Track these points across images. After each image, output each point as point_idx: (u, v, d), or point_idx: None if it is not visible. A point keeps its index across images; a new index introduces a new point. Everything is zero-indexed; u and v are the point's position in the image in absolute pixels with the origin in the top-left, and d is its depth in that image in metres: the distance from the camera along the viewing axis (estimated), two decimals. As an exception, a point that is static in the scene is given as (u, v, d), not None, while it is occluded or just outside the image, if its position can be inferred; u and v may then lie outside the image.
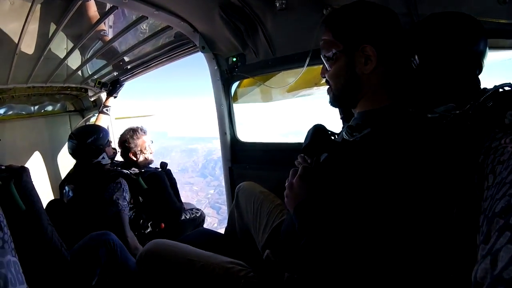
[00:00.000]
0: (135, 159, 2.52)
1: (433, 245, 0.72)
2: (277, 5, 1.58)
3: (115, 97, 3.14)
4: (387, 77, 0.92)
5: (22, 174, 1.26)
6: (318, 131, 1.01)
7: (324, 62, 1.00)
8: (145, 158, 2.56)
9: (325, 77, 1.03)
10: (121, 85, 3.15)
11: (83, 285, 1.46)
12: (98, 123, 2.99)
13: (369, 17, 0.92)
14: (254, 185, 1.80)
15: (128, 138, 2.52)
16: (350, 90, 0.96)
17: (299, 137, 0.97)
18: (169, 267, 1.20)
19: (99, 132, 2.17)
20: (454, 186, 0.72)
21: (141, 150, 2.54)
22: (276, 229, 1.43)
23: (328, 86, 1.04)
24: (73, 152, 2.15)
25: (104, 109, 3.05)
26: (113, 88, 3.10)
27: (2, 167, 1.22)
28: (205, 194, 56.39)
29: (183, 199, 2.68)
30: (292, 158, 1.23)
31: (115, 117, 4.00)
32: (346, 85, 0.96)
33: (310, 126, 1.07)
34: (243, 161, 2.40)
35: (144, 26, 2.17)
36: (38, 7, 1.71)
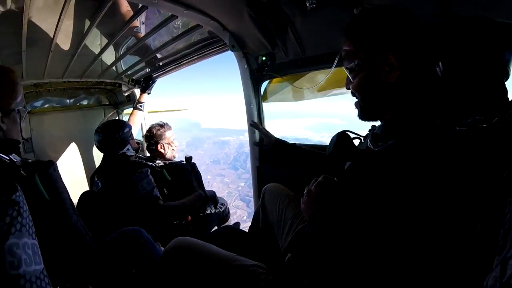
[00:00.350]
0: (163, 151, 2.63)
1: (452, 260, 0.71)
2: (307, 5, 1.54)
3: (148, 93, 3.24)
4: (413, 86, 0.90)
5: (47, 168, 1.31)
6: (342, 139, 1.00)
7: (347, 73, 0.98)
8: (172, 151, 2.66)
9: (350, 89, 1.01)
10: (153, 82, 3.23)
11: (111, 276, 1.55)
12: (132, 118, 3.12)
13: (389, 23, 0.89)
14: (281, 187, 1.81)
15: (156, 132, 2.64)
16: (376, 101, 0.94)
17: (329, 132, 0.96)
18: (191, 266, 1.23)
19: (124, 126, 2.30)
20: (479, 202, 0.70)
21: (168, 143, 2.64)
22: (300, 233, 1.43)
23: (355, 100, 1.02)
24: (99, 145, 2.28)
25: (138, 105, 3.17)
26: (146, 85, 3.20)
27: (29, 161, 1.28)
28: (235, 187, 57.27)
29: (215, 190, 2.74)
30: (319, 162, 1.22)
31: (148, 111, 4.15)
32: (372, 96, 0.94)
33: (340, 123, 1.05)
34: (272, 161, 2.41)
35: (177, 22, 2.22)
36: (72, 4, 1.79)
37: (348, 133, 1.10)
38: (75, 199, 3.96)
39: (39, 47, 2.36)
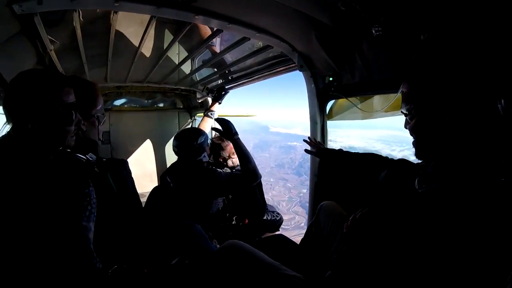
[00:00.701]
0: (224, 163, 2.81)
1: None
2: (373, 32, 1.59)
3: (219, 103, 3.44)
4: (468, 128, 0.90)
5: (119, 166, 1.55)
6: (390, 178, 1.04)
7: (404, 115, 1.02)
8: (232, 162, 2.82)
9: (407, 129, 1.04)
10: (225, 93, 3.40)
11: (164, 262, 1.78)
12: (202, 124, 3.37)
13: (443, 70, 0.91)
14: (336, 206, 1.86)
15: (218, 144, 2.82)
16: (430, 143, 0.97)
17: (401, 146, 1.00)
18: (239, 267, 1.37)
19: (201, 135, 2.45)
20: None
21: (229, 155, 2.82)
22: (343, 253, 1.48)
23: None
24: (178, 151, 2.45)
25: (209, 113, 3.41)
26: (218, 95, 3.38)
27: (104, 159, 1.52)
28: (297, 192, 56.66)
29: (276, 193, 2.86)
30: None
31: (218, 115, 4.51)
32: (426, 138, 0.97)
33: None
34: (330, 178, 2.46)
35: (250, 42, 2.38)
36: (155, 23, 1.99)
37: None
38: (143, 189, 4.47)
39: (124, 57, 2.71)
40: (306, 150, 2.28)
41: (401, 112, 1.03)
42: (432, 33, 1.39)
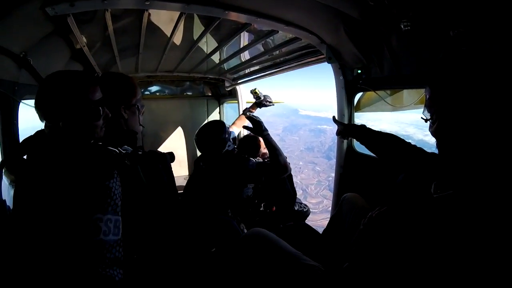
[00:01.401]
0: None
1: None
2: (402, 27, 1.57)
3: (259, 107, 3.29)
4: (488, 135, 0.90)
5: (156, 160, 1.58)
6: (407, 180, 1.08)
7: (424, 121, 1.05)
8: (263, 153, 2.89)
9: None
10: (270, 103, 3.25)
11: (205, 250, 1.94)
12: (238, 122, 3.33)
13: (466, 73, 0.92)
14: (359, 198, 1.90)
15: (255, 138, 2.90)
16: (448, 148, 0.99)
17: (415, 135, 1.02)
18: (262, 254, 1.45)
19: (220, 131, 2.40)
20: None
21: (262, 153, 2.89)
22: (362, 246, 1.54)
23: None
24: (201, 148, 2.46)
25: (248, 113, 3.37)
26: (261, 102, 3.22)
27: (139, 152, 1.53)
28: (326, 176, 56.00)
29: (305, 176, 2.91)
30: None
31: (246, 101, 4.55)
32: (445, 142, 1.00)
33: None
34: (355, 171, 2.49)
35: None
36: (185, 18, 2.02)
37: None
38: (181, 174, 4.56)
39: (154, 49, 2.80)
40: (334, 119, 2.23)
41: (422, 118, 1.05)
42: (462, 30, 1.36)
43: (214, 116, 5.35)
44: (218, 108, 5.34)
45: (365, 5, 1.57)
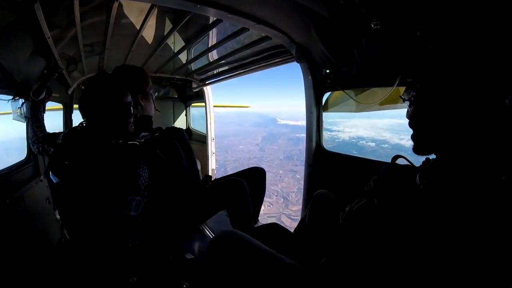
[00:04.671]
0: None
1: None
2: (372, 26, 1.60)
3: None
4: (466, 123, 0.90)
5: (170, 138, 1.91)
6: (392, 169, 1.08)
7: (403, 100, 1.04)
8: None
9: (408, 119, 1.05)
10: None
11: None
12: None
13: (443, 61, 0.92)
14: (331, 194, 1.89)
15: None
16: (427, 133, 0.98)
17: (409, 135, 1.01)
18: (236, 256, 1.40)
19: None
20: None
21: None
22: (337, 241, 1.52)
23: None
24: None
25: None
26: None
27: (156, 134, 1.89)
28: (306, 184, 56.11)
29: (285, 185, 2.89)
30: (371, 175, 1.28)
31: (213, 104, 4.55)
32: (424, 126, 0.99)
33: None
34: (324, 169, 2.50)
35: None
36: (154, 14, 2.02)
37: (401, 158, 1.18)
38: None
39: (121, 46, 2.73)
40: None
41: (401, 97, 1.05)
42: (429, 30, 1.40)
43: (181, 119, 5.28)
44: (185, 110, 5.27)
45: (336, 4, 1.59)
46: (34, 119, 2.05)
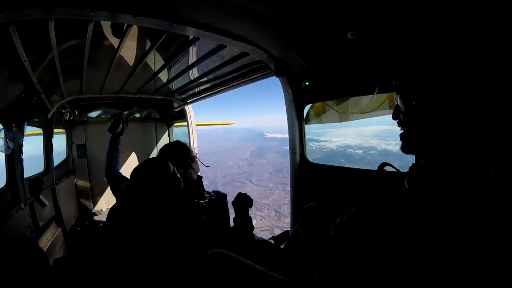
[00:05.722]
0: None
1: None
2: (348, 35, 1.62)
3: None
4: (453, 122, 0.89)
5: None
6: (380, 176, 1.07)
7: (398, 103, 1.02)
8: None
9: (396, 119, 1.04)
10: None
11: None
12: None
13: (427, 62, 0.93)
14: (320, 207, 1.86)
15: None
16: (416, 134, 0.96)
17: (396, 140, 1.00)
18: (225, 276, 1.37)
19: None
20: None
21: None
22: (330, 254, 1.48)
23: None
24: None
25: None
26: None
27: (213, 196, 2.15)
28: (297, 196, 55.90)
29: (276, 198, 2.84)
30: (359, 184, 1.23)
31: (196, 123, 4.55)
32: (413, 129, 0.97)
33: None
34: (310, 181, 2.48)
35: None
36: (132, 34, 2.00)
37: (388, 167, 1.17)
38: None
39: (100, 68, 2.70)
40: None
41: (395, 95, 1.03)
42: (406, 36, 1.42)
43: (164, 140, 5.24)
44: (167, 131, 5.24)
45: (311, 17, 1.60)
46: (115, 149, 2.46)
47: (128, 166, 4.95)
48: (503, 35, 1.03)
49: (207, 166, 2.35)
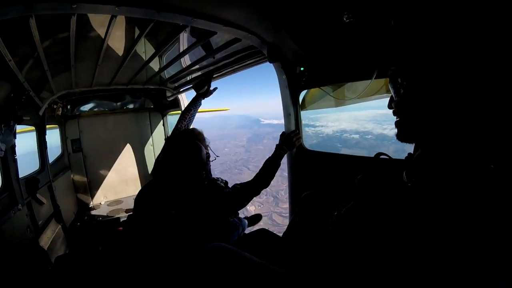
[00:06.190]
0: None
1: None
2: (344, 18, 1.54)
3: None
4: (450, 112, 0.86)
5: None
6: (376, 167, 1.05)
7: (391, 90, 1.00)
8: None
9: (391, 108, 1.02)
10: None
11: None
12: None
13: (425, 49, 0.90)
14: (318, 196, 1.83)
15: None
16: (412, 122, 0.95)
17: (392, 125, 0.99)
18: (224, 270, 1.35)
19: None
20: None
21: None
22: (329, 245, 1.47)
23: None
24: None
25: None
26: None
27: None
28: (295, 181, 56.58)
29: (274, 183, 2.81)
30: (356, 172, 1.21)
31: None
32: (409, 116, 0.95)
33: None
34: (307, 168, 2.44)
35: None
36: (118, 23, 1.95)
37: (383, 156, 1.15)
38: (120, 194, 4.68)
39: (87, 60, 2.64)
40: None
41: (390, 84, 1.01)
42: (403, 18, 1.35)
43: (159, 129, 5.22)
44: (162, 120, 5.20)
45: None
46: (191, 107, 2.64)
47: (123, 157, 4.97)
48: (500, 23, 0.97)
49: (217, 156, 2.36)
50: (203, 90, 2.67)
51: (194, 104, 2.67)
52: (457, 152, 0.84)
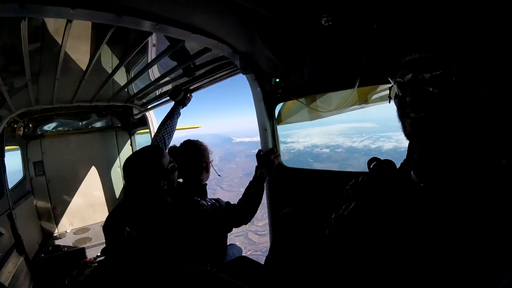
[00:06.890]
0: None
1: None
2: (323, 22, 1.43)
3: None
4: (461, 110, 0.87)
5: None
6: (387, 168, 1.00)
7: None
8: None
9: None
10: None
11: None
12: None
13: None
14: (297, 213, 1.74)
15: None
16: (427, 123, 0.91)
17: (361, 137, 0.91)
18: None
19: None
20: None
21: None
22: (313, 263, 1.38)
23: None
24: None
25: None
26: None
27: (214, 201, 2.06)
28: (269, 198, 57.27)
29: None
30: (336, 188, 1.19)
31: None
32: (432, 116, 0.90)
33: (372, 127, 1.00)
34: (285, 186, 2.29)
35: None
36: (76, 33, 1.78)
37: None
38: (97, 221, 3.85)
39: (45, 75, 2.42)
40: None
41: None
42: (386, 21, 1.29)
43: (126, 149, 4.96)
44: (130, 140, 4.95)
45: (280, 2, 1.42)
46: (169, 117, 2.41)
47: (89, 180, 4.64)
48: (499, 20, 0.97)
49: (219, 175, 2.38)
50: (180, 97, 2.52)
51: (172, 115, 2.44)
52: (471, 149, 0.83)
